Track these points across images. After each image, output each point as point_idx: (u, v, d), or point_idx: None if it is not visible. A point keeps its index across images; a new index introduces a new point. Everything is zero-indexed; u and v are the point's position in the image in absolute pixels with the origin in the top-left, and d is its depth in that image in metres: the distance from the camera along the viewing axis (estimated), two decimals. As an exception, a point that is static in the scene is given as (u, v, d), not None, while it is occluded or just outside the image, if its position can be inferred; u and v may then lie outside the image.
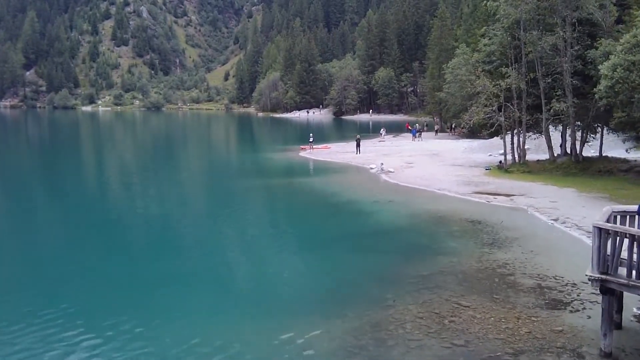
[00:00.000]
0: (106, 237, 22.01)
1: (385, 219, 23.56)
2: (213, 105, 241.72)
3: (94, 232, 22.83)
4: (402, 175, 34.75)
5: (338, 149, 54.62)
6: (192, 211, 27.74)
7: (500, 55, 35.49)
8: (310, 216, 25.87)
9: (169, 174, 41.24)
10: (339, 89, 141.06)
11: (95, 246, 20.51)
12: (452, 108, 65.15)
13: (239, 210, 26.91)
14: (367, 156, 46.01)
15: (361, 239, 20.67)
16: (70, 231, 23.36)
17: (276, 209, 29.13)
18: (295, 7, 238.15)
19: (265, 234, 22.67)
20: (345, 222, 23.76)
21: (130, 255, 19.23)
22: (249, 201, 29.96)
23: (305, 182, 34.83)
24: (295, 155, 50.07)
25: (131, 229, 23.75)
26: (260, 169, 42.73)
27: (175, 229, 23.60)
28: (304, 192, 31.65)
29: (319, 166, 42.41)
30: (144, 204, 29.43)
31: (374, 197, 28.47)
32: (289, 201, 29.94)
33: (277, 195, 32.04)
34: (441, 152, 46.98)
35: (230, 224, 24.47)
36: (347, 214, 25.23)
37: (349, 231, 21.96)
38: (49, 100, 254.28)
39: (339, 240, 20.46)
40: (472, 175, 33.43)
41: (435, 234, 20.87)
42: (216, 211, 27.33)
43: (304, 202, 29.04)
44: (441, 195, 28.63)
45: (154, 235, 22.69)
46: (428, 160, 41.57)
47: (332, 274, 16.50)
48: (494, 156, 42.51)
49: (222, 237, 22.17)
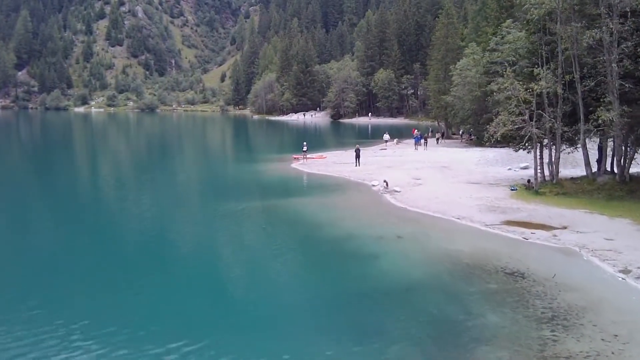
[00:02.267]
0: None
1: (392, 267, 17.62)
2: (208, 107, 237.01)
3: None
4: (411, 197, 28.95)
5: (335, 158, 48.83)
6: (136, 253, 21.24)
7: (527, 54, 29.72)
8: (291, 264, 18.85)
9: (134, 193, 35.40)
10: (337, 91, 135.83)
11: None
12: (460, 113, 59.57)
13: (192, 262, 19.38)
14: (367, 169, 40.25)
15: (359, 306, 14.57)
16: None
17: (249, 250, 21.06)
18: (293, 7, 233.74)
19: (219, 301, 15.55)
20: (338, 275, 17.68)
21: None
22: (213, 239, 22.79)
23: (292, 206, 28.24)
24: (287, 166, 44.19)
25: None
26: (243, 187, 36.08)
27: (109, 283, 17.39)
28: (290, 220, 25.43)
29: (312, 182, 36.52)
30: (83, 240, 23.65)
31: (377, 229, 22.54)
32: (268, 237, 22.96)
33: (255, 227, 24.78)
34: (452, 165, 41.17)
35: (170, 290, 16.31)
36: (342, 259, 19.06)
37: (342, 291, 15.88)
38: (41, 101, 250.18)
39: (326, 310, 14.45)
40: (496, 197, 27.62)
41: (464, 296, 14.93)
42: (167, 255, 20.18)
43: (287, 237, 22.66)
44: (462, 226, 22.79)
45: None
46: (438, 176, 35.76)
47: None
48: (514, 170, 36.78)
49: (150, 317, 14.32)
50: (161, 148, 73.36)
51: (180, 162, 54.22)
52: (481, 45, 57.64)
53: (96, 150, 68.06)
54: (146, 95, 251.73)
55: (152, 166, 52.27)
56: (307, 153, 46.89)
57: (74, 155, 63.15)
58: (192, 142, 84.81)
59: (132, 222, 26.01)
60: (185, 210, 28.43)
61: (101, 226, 25.20)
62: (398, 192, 30.20)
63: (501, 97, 27.34)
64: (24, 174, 44.14)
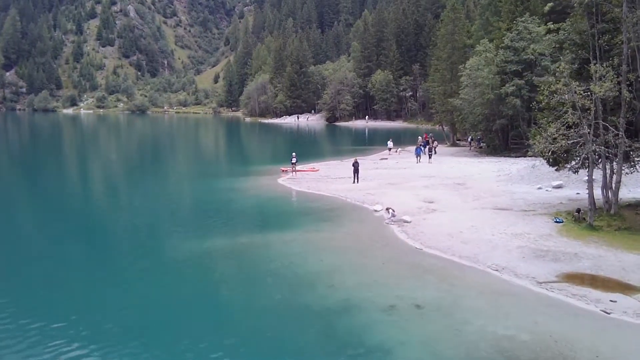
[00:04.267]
0: None
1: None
2: (201, 109, 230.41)
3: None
4: (426, 230, 22.38)
5: (329, 171, 42.13)
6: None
7: (573, 47, 23.17)
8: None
9: (87, 219, 28.83)
10: (333, 93, 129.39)
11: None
12: (470, 118, 53.08)
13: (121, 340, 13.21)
14: (367, 186, 33.64)
15: None
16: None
17: (189, 337, 13.42)
18: (288, 7, 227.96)
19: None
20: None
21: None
22: (143, 316, 15.00)
23: (271, 247, 21.30)
24: (273, 182, 37.40)
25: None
26: (216, 213, 28.31)
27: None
28: (263, 273, 18.07)
29: (300, 206, 29.88)
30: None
31: (386, 290, 15.73)
32: (226, 310, 15.52)
33: (211, 289, 17.22)
34: (468, 181, 34.57)
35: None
36: (337, 350, 12.42)
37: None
38: (29, 103, 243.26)
39: None
40: (539, 233, 21.05)
41: None
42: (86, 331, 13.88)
43: (253, 310, 14.98)
44: (506, 285, 16.14)
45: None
46: (455, 198, 29.15)
47: None
48: (546, 190, 30.25)
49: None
50: (139, 156, 66.36)
51: (154, 175, 47.01)
52: (494, 42, 51.35)
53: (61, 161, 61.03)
54: (137, 97, 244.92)
55: (121, 179, 45.56)
56: (296, 165, 40.26)
57: (36, 165, 56.42)
58: (174, 149, 77.36)
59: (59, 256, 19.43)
60: (126, 253, 21.29)
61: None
62: (408, 223, 23.64)
63: (553, 103, 20.69)
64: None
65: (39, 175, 47.45)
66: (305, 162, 47.80)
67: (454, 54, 61.08)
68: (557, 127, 20.04)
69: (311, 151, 65.20)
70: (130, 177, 46.18)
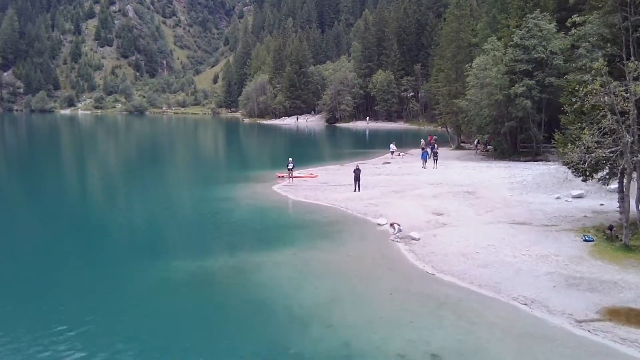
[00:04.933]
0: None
1: None
2: (200, 110, 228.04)
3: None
4: (436, 249, 19.75)
5: (328, 177, 39.49)
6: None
7: (601, 43, 20.55)
8: None
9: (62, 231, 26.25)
10: (333, 94, 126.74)
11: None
12: (477, 120, 50.45)
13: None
14: (369, 195, 30.98)
15: None
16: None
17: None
18: (288, 7, 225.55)
19: None
20: None
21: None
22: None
23: (261, 271, 18.22)
24: (267, 190, 34.72)
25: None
26: (200, 228, 25.93)
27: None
28: (252, 308, 15.10)
29: (296, 218, 26.93)
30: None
31: (395, 331, 13.18)
32: (205, 356, 12.66)
33: (188, 329, 14.03)
34: (478, 189, 31.91)
35: None
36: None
37: None
38: (26, 103, 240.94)
39: None
40: (567, 254, 18.41)
41: None
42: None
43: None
44: (538, 325, 13.43)
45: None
46: (467, 209, 26.51)
47: None
48: (565, 200, 27.58)
49: None
50: (131, 161, 63.33)
51: (143, 183, 43.64)
52: (502, 40, 48.73)
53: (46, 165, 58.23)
54: (135, 97, 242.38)
55: (108, 186, 42.84)
56: (293, 171, 37.59)
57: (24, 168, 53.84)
58: (168, 153, 74.27)
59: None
60: (92, 281, 18.21)
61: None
62: (416, 240, 21.02)
63: (587, 106, 17.98)
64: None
65: (23, 181, 44.90)
66: (303, 166, 45.23)
67: (459, 52, 58.45)
68: (591, 134, 17.43)
69: (310, 154, 62.56)
70: (118, 185, 43.49)
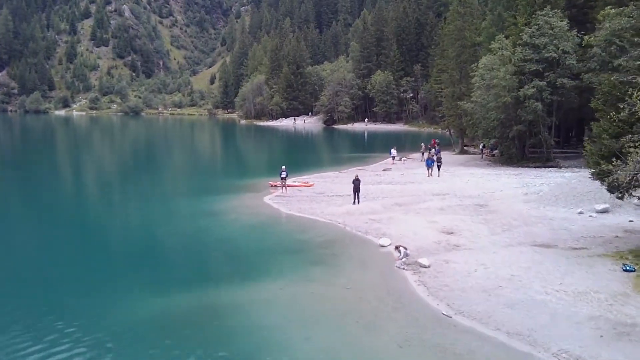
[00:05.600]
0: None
1: None
2: (196, 111, 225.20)
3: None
4: (450, 280, 16.81)
5: (325, 186, 36.52)
6: None
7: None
8: None
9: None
10: (331, 95, 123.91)
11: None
12: (483, 123, 47.51)
13: None
14: (370, 208, 28.03)
15: None
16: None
17: None
18: (285, 6, 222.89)
19: None
20: None
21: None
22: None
23: (242, 313, 15.26)
24: (258, 202, 31.70)
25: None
26: (179, 252, 22.54)
27: None
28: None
29: (287, 238, 23.45)
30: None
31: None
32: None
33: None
34: (490, 201, 28.93)
35: None
36: None
37: None
38: (20, 104, 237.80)
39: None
40: (608, 289, 15.38)
41: None
42: None
43: None
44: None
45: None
46: (480, 226, 23.51)
47: None
48: (589, 216, 24.63)
49: None
50: (118, 167, 59.79)
51: (125, 192, 40.44)
52: (510, 38, 45.78)
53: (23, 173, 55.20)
54: (131, 98, 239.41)
55: (87, 197, 39.78)
56: (286, 179, 34.58)
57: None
58: (158, 158, 70.76)
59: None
60: (24, 332, 14.69)
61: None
62: (426, 268, 18.08)
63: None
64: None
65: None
66: (298, 173, 42.37)
67: (464, 52, 55.53)
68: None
69: (306, 159, 59.66)
70: (95, 196, 40.18)
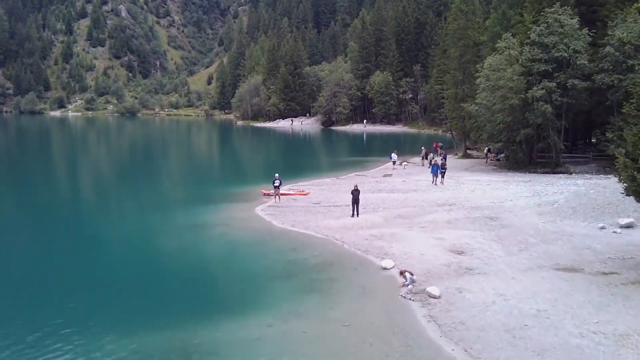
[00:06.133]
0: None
1: None
2: (193, 111, 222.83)
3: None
4: (466, 315, 14.44)
5: (322, 194, 34.05)
6: None
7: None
8: None
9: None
10: (329, 96, 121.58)
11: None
12: (488, 126, 45.21)
13: None
14: (371, 222, 25.60)
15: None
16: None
17: None
18: (283, 6, 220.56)
19: None
20: None
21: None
22: None
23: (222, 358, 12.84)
24: (248, 213, 29.10)
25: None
26: (150, 276, 19.83)
27: None
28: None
29: (278, 259, 20.73)
30: None
31: None
32: None
33: None
34: (501, 213, 26.51)
35: None
36: None
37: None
38: (15, 104, 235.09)
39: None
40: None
41: None
42: None
43: None
44: None
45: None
46: (493, 243, 21.04)
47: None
48: (614, 232, 22.20)
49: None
50: (105, 172, 56.59)
51: (107, 202, 37.17)
52: (517, 37, 43.45)
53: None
54: (127, 99, 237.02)
55: (68, 206, 37.15)
56: (279, 188, 32.08)
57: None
58: (148, 162, 67.22)
59: None
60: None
61: None
62: (436, 299, 15.67)
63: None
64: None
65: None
66: (294, 179, 40.03)
67: (467, 52, 53.15)
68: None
69: (302, 163, 57.32)
70: (79, 203, 37.72)
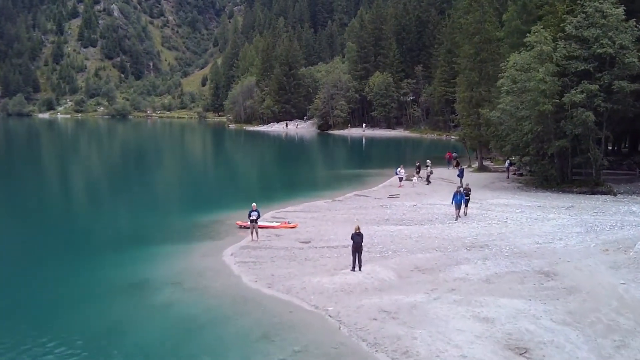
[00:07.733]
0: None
1: None
2: (186, 113, 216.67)
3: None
4: None
5: (313, 227, 26.45)
6: None
7: None
8: None
9: None
10: (325, 98, 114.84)
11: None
12: (513, 136, 38.11)
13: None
14: (378, 282, 18.08)
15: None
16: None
17: None
18: (279, 6, 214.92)
19: None
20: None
21: None
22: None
23: None
24: (212, 263, 20.35)
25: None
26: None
27: None
28: None
29: (235, 356, 13.16)
30: None
31: None
32: None
33: None
34: (556, 263, 19.18)
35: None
36: None
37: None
38: (3, 106, 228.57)
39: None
40: None
41: None
42: None
43: None
44: None
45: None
46: (566, 328, 13.76)
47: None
48: None
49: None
50: (58, 198, 47.70)
51: (46, 243, 29.56)
52: (548, 30, 36.23)
53: None
54: (118, 100, 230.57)
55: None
56: (257, 222, 24.61)
57: None
58: (112, 172, 56.14)
59: None
60: None
61: None
62: None
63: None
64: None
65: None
66: (281, 201, 32.96)
67: (484, 49, 46.02)
68: None
69: (293, 178, 50.12)
70: (19, 245, 30.27)
